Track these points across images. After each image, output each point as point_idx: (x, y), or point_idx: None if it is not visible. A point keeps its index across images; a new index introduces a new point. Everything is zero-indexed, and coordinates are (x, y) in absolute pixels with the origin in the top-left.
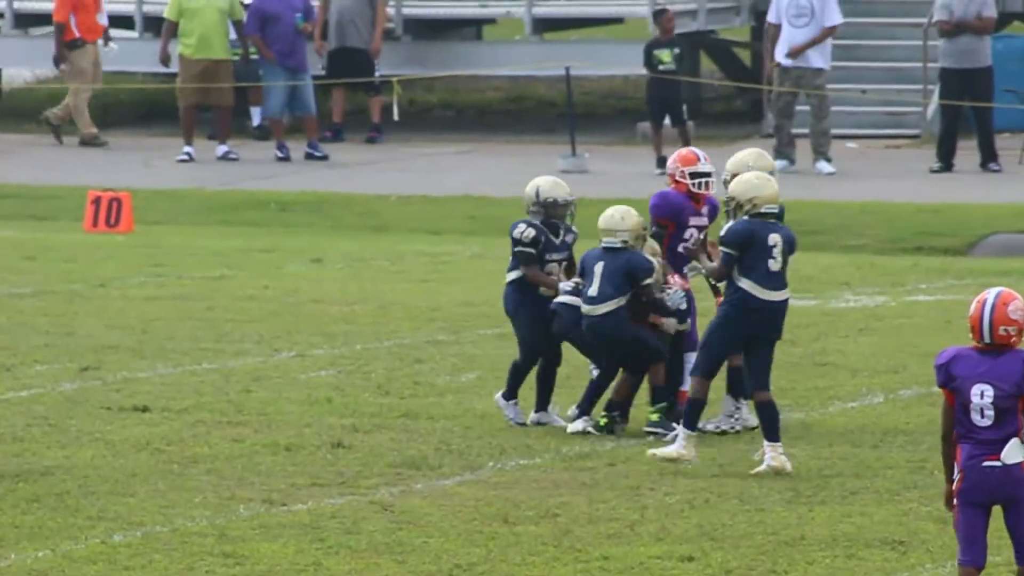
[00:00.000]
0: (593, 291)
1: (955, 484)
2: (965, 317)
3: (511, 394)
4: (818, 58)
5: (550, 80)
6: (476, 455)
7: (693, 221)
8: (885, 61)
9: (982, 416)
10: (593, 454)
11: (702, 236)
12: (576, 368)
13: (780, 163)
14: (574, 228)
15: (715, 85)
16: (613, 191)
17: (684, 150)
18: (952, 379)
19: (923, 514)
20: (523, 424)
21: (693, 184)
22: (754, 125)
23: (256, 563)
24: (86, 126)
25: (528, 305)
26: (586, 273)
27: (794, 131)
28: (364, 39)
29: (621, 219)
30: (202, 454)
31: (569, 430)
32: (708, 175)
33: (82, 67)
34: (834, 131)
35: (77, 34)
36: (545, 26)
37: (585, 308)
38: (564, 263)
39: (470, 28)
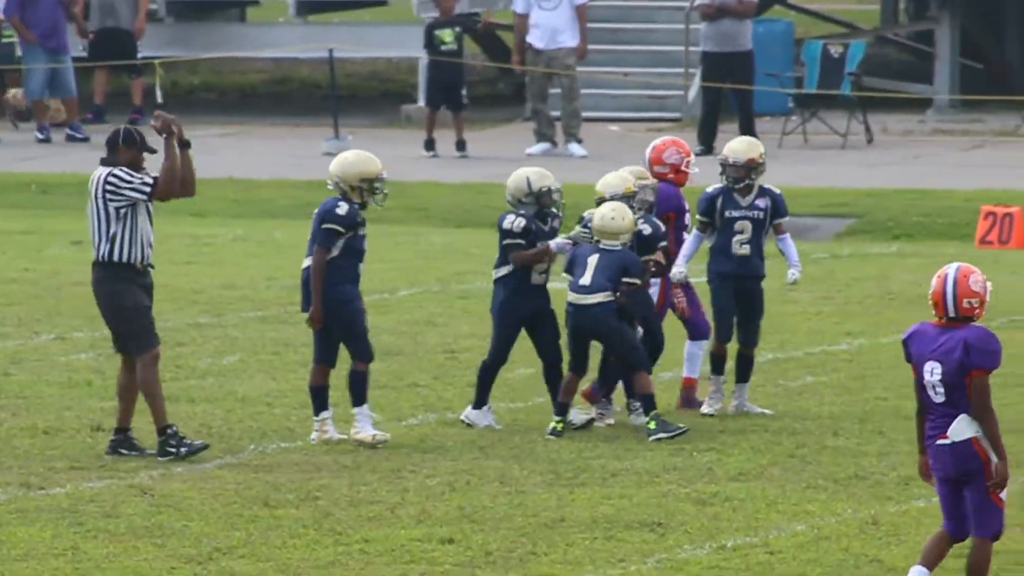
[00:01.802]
0: (585, 280)
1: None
2: None
3: (480, 402)
4: (570, 38)
5: (314, 62)
6: (237, 438)
7: (687, 205)
8: (647, 44)
9: (935, 393)
10: None
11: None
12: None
13: (542, 146)
14: (559, 212)
15: (478, 68)
16: None
17: (675, 140)
18: (910, 356)
19: (682, 495)
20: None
21: (693, 174)
22: (517, 108)
23: (13, 547)
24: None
25: (510, 306)
26: (576, 264)
27: (553, 113)
28: (127, 20)
29: (622, 220)
30: None
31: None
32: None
33: None
34: (596, 114)
35: None
36: (309, 8)
37: (572, 297)
38: None
39: (234, 9)
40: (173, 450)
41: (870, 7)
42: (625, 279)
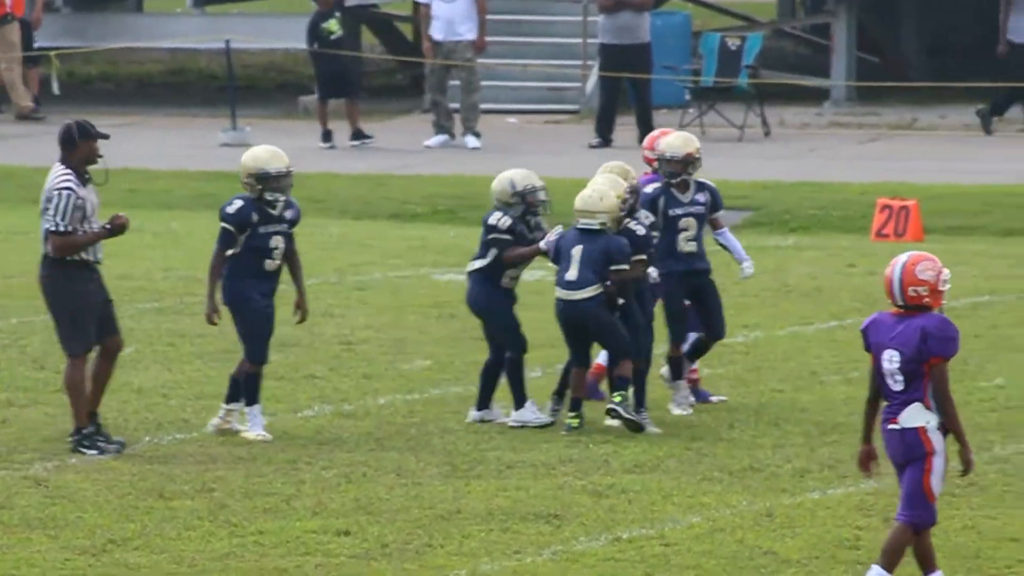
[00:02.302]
0: (572, 275)
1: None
2: None
3: (521, 399)
4: (468, 31)
5: (211, 53)
6: (132, 429)
7: None
8: (545, 36)
9: (894, 381)
10: None
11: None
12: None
13: (440, 138)
14: (546, 211)
15: (376, 59)
16: None
17: (662, 131)
18: (869, 345)
19: (578, 488)
20: (550, 423)
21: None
22: (415, 100)
23: None
24: (23, 99)
25: (499, 298)
26: (561, 256)
27: (452, 105)
28: (24, 10)
29: (600, 200)
30: None
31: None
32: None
33: (12, 41)
34: (495, 106)
35: (8, 8)
36: None
37: (561, 292)
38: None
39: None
40: (84, 450)
41: (767, 0)
42: (612, 267)
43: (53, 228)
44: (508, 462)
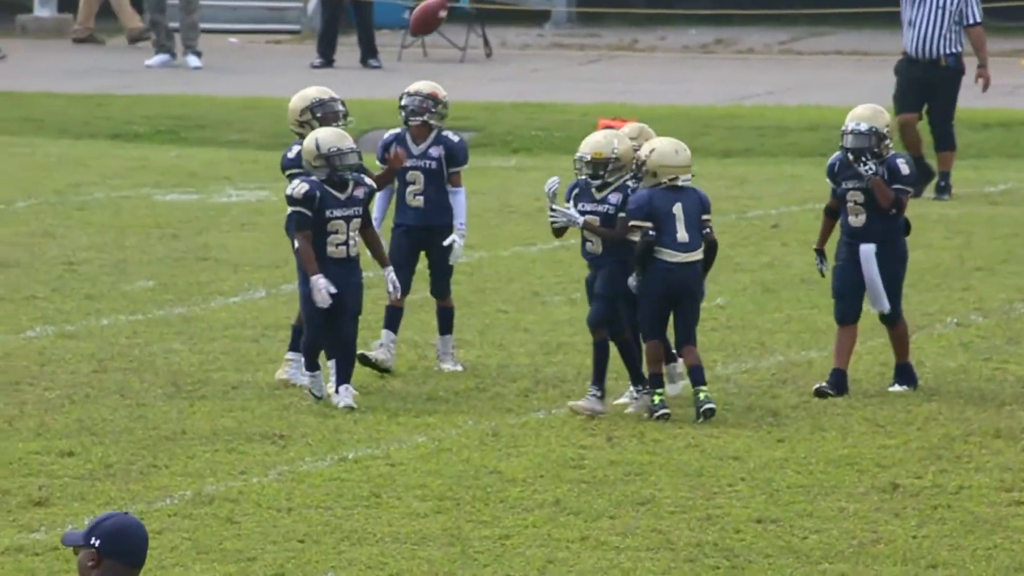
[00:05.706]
0: (683, 236)
1: None
2: None
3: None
4: None
5: None
6: None
7: None
8: None
9: None
10: None
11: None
12: None
13: (161, 58)
14: (368, 180)
15: None
16: None
17: None
18: None
19: (303, 408)
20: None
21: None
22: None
23: None
24: (132, 21)
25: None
26: (663, 218)
27: (172, 25)
28: None
29: (687, 152)
30: None
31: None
32: None
33: None
34: (215, 26)
35: None
36: None
37: (680, 257)
38: (355, 220)
39: None
40: None
41: None
42: (705, 216)
43: None
44: (233, 383)
